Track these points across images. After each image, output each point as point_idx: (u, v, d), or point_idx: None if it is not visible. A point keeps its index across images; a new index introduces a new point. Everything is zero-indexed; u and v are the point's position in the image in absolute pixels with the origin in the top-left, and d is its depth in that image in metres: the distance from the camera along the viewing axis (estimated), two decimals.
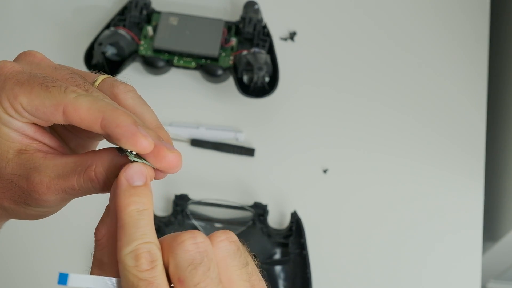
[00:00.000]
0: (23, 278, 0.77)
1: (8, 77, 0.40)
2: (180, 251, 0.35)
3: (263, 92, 0.82)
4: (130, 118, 0.38)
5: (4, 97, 0.40)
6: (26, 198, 0.41)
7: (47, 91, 0.39)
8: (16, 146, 0.41)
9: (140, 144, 0.38)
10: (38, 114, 0.40)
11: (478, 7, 0.93)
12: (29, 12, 0.90)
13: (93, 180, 0.40)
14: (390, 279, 0.79)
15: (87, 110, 0.39)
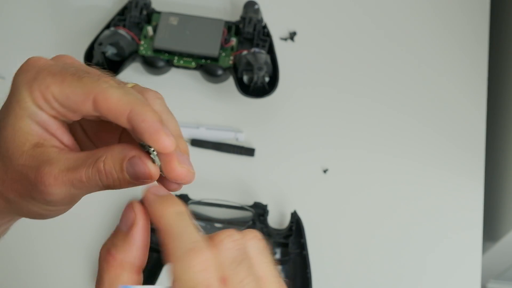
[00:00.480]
0: (25, 279, 0.77)
1: (41, 69, 0.41)
2: (223, 249, 0.35)
3: (263, 92, 0.82)
4: (157, 116, 0.39)
5: (35, 87, 0.40)
6: (32, 190, 0.41)
7: (79, 80, 0.40)
8: (34, 139, 0.41)
9: (162, 142, 0.39)
10: (68, 103, 0.40)
11: (478, 7, 0.93)
12: (29, 12, 0.90)
13: (100, 172, 0.40)
14: (390, 278, 0.79)
15: (117, 101, 0.39)
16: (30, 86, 0.41)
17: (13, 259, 0.77)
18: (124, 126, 0.40)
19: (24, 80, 0.41)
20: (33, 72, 0.41)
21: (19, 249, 0.78)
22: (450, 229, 0.82)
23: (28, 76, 0.41)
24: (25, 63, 0.42)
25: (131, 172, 0.40)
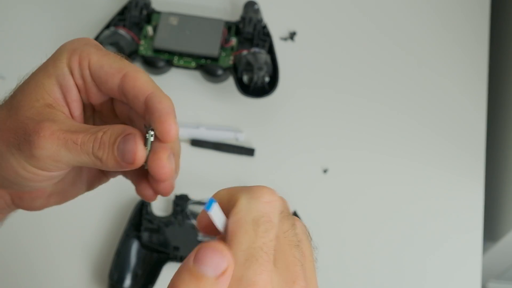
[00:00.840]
0: (25, 279, 0.77)
1: (89, 43, 0.45)
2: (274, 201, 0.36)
3: (263, 92, 0.82)
4: (173, 105, 0.42)
5: (77, 52, 0.43)
6: (22, 142, 0.41)
7: (118, 58, 0.43)
8: (49, 99, 0.43)
9: (169, 125, 0.41)
10: (100, 73, 0.43)
11: (478, 7, 0.93)
12: (29, 12, 0.90)
13: (97, 139, 0.41)
14: (390, 278, 0.79)
15: (143, 82, 0.42)
16: (73, 51, 0.43)
17: (13, 259, 0.77)
18: (137, 108, 0.42)
19: (70, 46, 0.44)
20: (81, 42, 0.44)
21: (19, 249, 0.78)
22: (450, 229, 0.82)
23: (75, 44, 0.44)
24: (79, 37, 0.45)
25: (121, 148, 0.41)
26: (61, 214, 0.79)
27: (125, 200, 0.80)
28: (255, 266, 0.34)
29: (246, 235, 0.34)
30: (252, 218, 0.35)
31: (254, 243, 0.34)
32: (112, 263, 0.75)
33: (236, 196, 0.36)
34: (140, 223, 0.76)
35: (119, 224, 0.79)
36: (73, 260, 0.77)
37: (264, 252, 0.34)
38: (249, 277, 0.33)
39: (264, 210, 0.35)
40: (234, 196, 0.36)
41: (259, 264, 0.34)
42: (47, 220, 0.79)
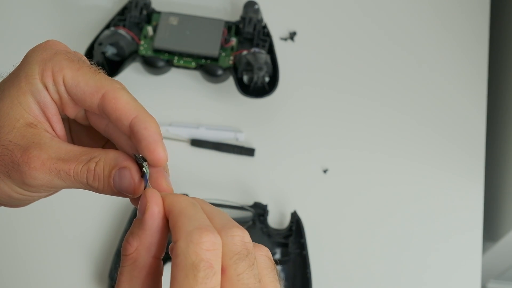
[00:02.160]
0: (25, 278, 0.77)
1: (59, 51, 0.41)
2: (229, 241, 0.35)
3: (263, 92, 0.82)
4: (159, 128, 0.40)
5: (49, 67, 0.41)
6: (11, 170, 0.40)
7: (94, 73, 0.41)
8: (29, 118, 0.41)
9: (158, 153, 0.39)
10: (76, 91, 0.41)
11: (478, 7, 0.93)
12: (29, 12, 0.90)
13: (90, 171, 0.40)
14: (390, 279, 0.79)
15: (125, 103, 0.40)
16: (44, 64, 0.41)
17: (13, 259, 0.77)
18: (122, 130, 0.40)
19: (39, 57, 0.41)
20: (50, 52, 0.41)
21: (19, 249, 0.78)
22: (450, 229, 0.82)
23: (44, 54, 0.41)
24: (44, 43, 0.42)
25: (117, 181, 0.40)
26: (61, 214, 0.79)
27: (125, 200, 0.80)
28: None
29: (186, 280, 0.33)
30: (191, 263, 0.34)
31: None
32: (112, 263, 0.75)
33: (177, 234, 0.35)
34: None
35: (119, 224, 0.79)
36: (73, 260, 0.77)
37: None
38: None
39: (204, 256, 0.34)
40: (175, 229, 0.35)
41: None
42: (47, 220, 0.79)
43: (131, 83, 0.84)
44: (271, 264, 0.38)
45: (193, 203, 0.37)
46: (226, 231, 0.35)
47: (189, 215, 0.36)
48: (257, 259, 0.37)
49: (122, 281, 0.36)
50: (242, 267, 0.35)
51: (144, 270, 0.36)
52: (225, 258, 0.35)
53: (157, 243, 0.37)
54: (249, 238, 0.36)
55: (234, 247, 0.35)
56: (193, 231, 0.34)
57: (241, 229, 0.36)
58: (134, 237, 0.37)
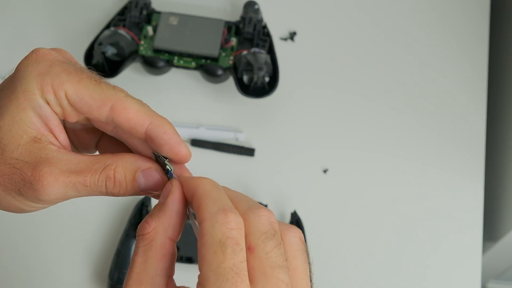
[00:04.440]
0: (24, 278, 0.77)
1: (54, 63, 0.41)
2: (256, 221, 0.36)
3: (263, 92, 0.82)
4: (174, 128, 0.41)
5: (48, 81, 0.40)
6: (23, 187, 0.40)
7: (96, 85, 0.40)
8: (32, 133, 0.40)
9: (184, 153, 0.41)
10: (80, 105, 0.40)
11: (478, 7, 0.93)
12: (29, 12, 0.90)
13: (110, 179, 0.40)
14: (390, 279, 0.79)
15: (136, 112, 0.40)
16: (42, 79, 0.40)
17: (13, 259, 0.77)
18: (137, 137, 0.41)
19: (35, 71, 0.40)
20: (45, 64, 0.40)
21: (19, 249, 0.78)
22: (450, 229, 0.82)
23: (39, 68, 0.40)
24: (34, 54, 0.41)
25: (142, 183, 0.41)
26: (61, 214, 0.79)
27: (125, 200, 0.80)
28: (226, 285, 0.34)
29: (215, 256, 0.34)
30: (218, 241, 0.35)
31: (223, 263, 0.34)
32: (112, 263, 0.75)
33: (202, 215, 0.36)
34: (140, 223, 0.76)
35: (119, 224, 0.79)
36: (73, 260, 0.77)
37: (235, 273, 0.34)
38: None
39: (230, 234, 0.35)
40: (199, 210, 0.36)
41: (230, 283, 0.34)
42: (47, 220, 0.79)
43: (131, 83, 0.84)
44: (303, 246, 0.38)
45: (217, 185, 0.38)
46: (253, 212, 0.37)
47: (213, 197, 0.37)
48: (290, 240, 0.38)
49: (137, 261, 0.37)
50: (270, 245, 0.36)
51: (159, 251, 0.37)
52: (253, 237, 0.36)
53: (175, 225, 0.38)
54: (275, 218, 0.37)
55: (261, 226, 0.36)
56: (218, 212, 0.35)
57: (267, 209, 0.37)
58: (153, 218, 0.38)
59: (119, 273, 0.74)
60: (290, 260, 0.37)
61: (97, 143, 0.45)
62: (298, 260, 0.38)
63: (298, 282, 0.37)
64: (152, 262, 0.37)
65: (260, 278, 0.35)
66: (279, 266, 0.36)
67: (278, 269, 0.36)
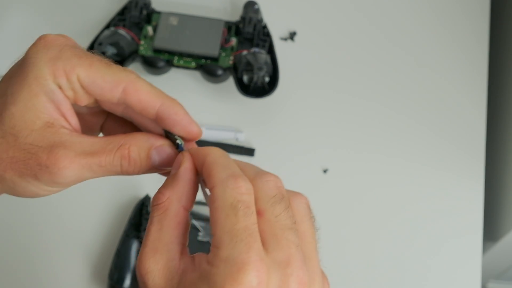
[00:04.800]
0: (23, 279, 0.77)
1: (63, 48, 0.41)
2: (265, 186, 0.38)
3: (263, 92, 0.82)
4: (184, 108, 0.42)
5: (59, 66, 0.40)
6: (39, 172, 0.40)
7: (108, 67, 0.41)
8: (45, 117, 0.41)
9: (196, 131, 0.42)
10: (93, 88, 0.41)
11: (478, 7, 0.93)
12: (29, 12, 0.90)
13: (125, 158, 0.41)
14: (390, 278, 0.79)
15: (147, 93, 0.42)
16: (54, 64, 0.41)
17: (13, 259, 0.77)
18: (148, 117, 0.42)
19: (46, 57, 0.41)
20: (55, 50, 0.41)
21: (19, 249, 0.78)
22: (450, 230, 0.82)
23: (50, 53, 0.41)
24: (43, 40, 0.42)
25: (156, 160, 0.42)
26: (61, 214, 0.79)
27: (125, 200, 0.80)
28: (240, 245, 0.35)
29: (228, 219, 0.36)
30: (229, 204, 0.36)
31: (235, 225, 0.35)
32: (112, 263, 0.75)
33: (212, 181, 0.38)
34: (140, 223, 0.76)
35: (119, 224, 0.79)
36: (73, 260, 0.77)
37: (248, 234, 0.35)
38: (235, 256, 0.35)
39: (241, 198, 0.36)
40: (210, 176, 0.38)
41: (244, 243, 0.35)
42: (47, 220, 0.79)
43: None
44: (309, 212, 0.40)
45: (226, 154, 0.40)
46: (261, 177, 0.38)
47: (222, 164, 0.39)
48: (297, 206, 0.39)
49: (152, 230, 0.38)
50: (279, 209, 0.37)
51: (174, 219, 0.38)
52: (262, 202, 0.37)
53: (188, 194, 0.39)
54: (282, 183, 0.39)
55: (269, 191, 0.38)
56: (228, 178, 0.37)
57: (274, 175, 0.39)
58: (166, 188, 0.39)
59: (119, 273, 0.74)
60: (299, 225, 0.38)
61: (102, 126, 0.46)
62: (306, 224, 0.39)
63: (307, 246, 0.38)
64: (167, 230, 0.38)
65: (271, 240, 0.36)
66: (288, 228, 0.37)
67: (288, 231, 0.37)
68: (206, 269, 0.35)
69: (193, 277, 0.36)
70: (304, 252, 0.38)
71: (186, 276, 0.37)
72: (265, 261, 0.35)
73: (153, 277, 0.37)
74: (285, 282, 0.36)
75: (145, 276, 0.37)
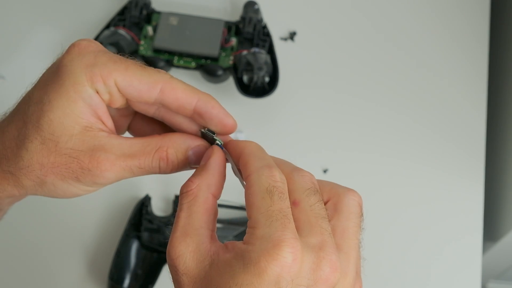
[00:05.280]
0: (24, 278, 0.77)
1: (98, 54, 0.43)
2: (301, 179, 0.40)
3: (263, 92, 0.82)
4: (218, 101, 0.44)
5: (96, 72, 0.42)
6: (81, 175, 0.42)
7: (143, 70, 0.43)
8: (83, 122, 0.42)
9: (232, 125, 0.44)
10: (130, 91, 0.42)
11: (478, 7, 0.93)
12: (29, 12, 0.90)
13: (163, 159, 0.43)
14: (390, 278, 0.79)
15: (183, 91, 0.43)
16: (91, 70, 0.42)
17: (13, 259, 0.77)
18: (184, 114, 0.43)
19: (82, 64, 0.42)
20: (90, 56, 0.42)
21: (19, 249, 0.78)
22: (450, 230, 0.82)
23: (85, 60, 0.42)
24: (76, 48, 0.43)
25: (193, 160, 0.44)
26: (61, 214, 0.79)
27: (125, 200, 0.80)
28: (276, 224, 0.37)
29: (263, 201, 0.38)
30: (265, 188, 0.38)
31: (271, 206, 0.37)
32: (112, 263, 0.75)
33: (248, 170, 0.40)
34: (140, 223, 0.76)
35: (119, 224, 0.79)
36: (73, 260, 0.77)
37: (283, 215, 0.37)
38: (271, 233, 0.36)
39: (275, 184, 0.38)
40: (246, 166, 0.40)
41: (279, 223, 0.37)
42: (47, 220, 0.79)
43: None
44: (358, 210, 0.42)
45: (262, 147, 0.42)
46: (297, 172, 0.41)
47: (258, 156, 0.41)
48: (347, 202, 0.42)
49: (181, 216, 0.40)
50: (313, 199, 0.39)
51: (203, 206, 0.40)
52: (297, 193, 0.39)
53: (216, 182, 0.42)
54: (315, 180, 0.42)
55: (305, 184, 0.40)
56: (263, 167, 0.39)
57: (309, 172, 0.41)
58: (195, 176, 0.41)
59: (119, 273, 0.74)
60: (342, 221, 0.40)
61: (129, 126, 0.47)
62: (351, 222, 0.40)
63: (345, 241, 0.40)
64: (197, 216, 0.39)
65: (305, 227, 0.38)
66: (322, 217, 0.39)
67: (321, 219, 0.39)
68: (242, 248, 0.37)
69: (226, 257, 0.37)
70: (340, 246, 0.39)
71: (218, 257, 0.38)
72: (299, 241, 0.36)
73: (184, 260, 0.38)
74: (318, 264, 0.37)
75: (176, 260, 0.38)
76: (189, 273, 0.38)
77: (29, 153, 0.42)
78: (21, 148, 0.42)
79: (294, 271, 0.36)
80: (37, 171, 0.42)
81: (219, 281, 0.36)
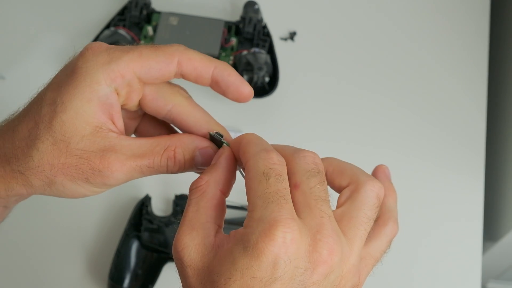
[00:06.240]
0: (23, 278, 0.77)
1: (110, 50, 0.43)
2: (301, 161, 0.40)
3: (263, 92, 0.82)
4: (234, 69, 0.44)
5: (113, 68, 0.42)
6: (91, 176, 0.42)
7: (156, 49, 0.43)
8: (94, 122, 0.42)
9: (248, 91, 0.45)
10: (151, 74, 0.43)
11: (478, 7, 0.93)
12: (29, 12, 0.90)
13: (171, 159, 0.43)
14: (390, 278, 0.79)
15: (200, 60, 0.44)
16: (107, 68, 0.42)
17: (13, 258, 0.77)
18: (203, 84, 0.45)
19: (98, 63, 0.42)
20: (104, 54, 0.43)
21: (19, 249, 0.78)
22: (450, 230, 0.82)
23: (100, 59, 0.42)
24: (90, 50, 0.43)
25: (199, 161, 0.44)
26: (61, 214, 0.79)
27: (125, 200, 0.80)
28: (272, 205, 0.37)
29: (260, 184, 0.38)
30: (262, 172, 0.38)
31: (267, 189, 0.37)
32: (112, 263, 0.75)
33: (246, 156, 0.40)
34: (140, 223, 0.76)
35: (119, 224, 0.79)
36: (73, 260, 0.77)
37: (280, 196, 0.37)
38: (267, 215, 0.36)
39: (272, 166, 0.38)
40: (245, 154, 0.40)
41: (276, 204, 0.37)
42: (47, 220, 0.79)
43: None
44: (374, 201, 0.42)
45: (259, 136, 0.43)
46: (298, 153, 0.40)
47: (255, 142, 0.41)
48: (365, 193, 0.41)
49: (189, 210, 0.40)
50: (314, 181, 0.39)
51: (211, 201, 0.40)
52: (298, 175, 0.39)
53: (225, 179, 0.41)
54: (319, 159, 0.41)
55: (306, 165, 0.40)
56: (260, 151, 0.39)
57: (312, 152, 0.41)
58: (205, 173, 0.41)
59: (119, 273, 0.74)
60: (352, 209, 0.40)
61: (136, 129, 0.48)
62: (361, 212, 0.40)
63: (351, 229, 0.40)
64: (204, 211, 0.40)
65: (304, 210, 0.38)
66: (322, 199, 0.38)
67: (321, 202, 0.38)
68: (241, 232, 0.37)
69: (229, 246, 0.38)
70: (345, 232, 0.39)
71: (222, 248, 0.38)
72: (296, 221, 0.36)
73: (189, 252, 0.38)
74: (314, 246, 0.37)
75: (182, 251, 0.38)
76: (194, 265, 0.38)
77: (40, 153, 0.42)
78: (31, 148, 0.42)
79: (292, 252, 0.36)
80: (46, 171, 0.42)
81: (220, 268, 0.37)
